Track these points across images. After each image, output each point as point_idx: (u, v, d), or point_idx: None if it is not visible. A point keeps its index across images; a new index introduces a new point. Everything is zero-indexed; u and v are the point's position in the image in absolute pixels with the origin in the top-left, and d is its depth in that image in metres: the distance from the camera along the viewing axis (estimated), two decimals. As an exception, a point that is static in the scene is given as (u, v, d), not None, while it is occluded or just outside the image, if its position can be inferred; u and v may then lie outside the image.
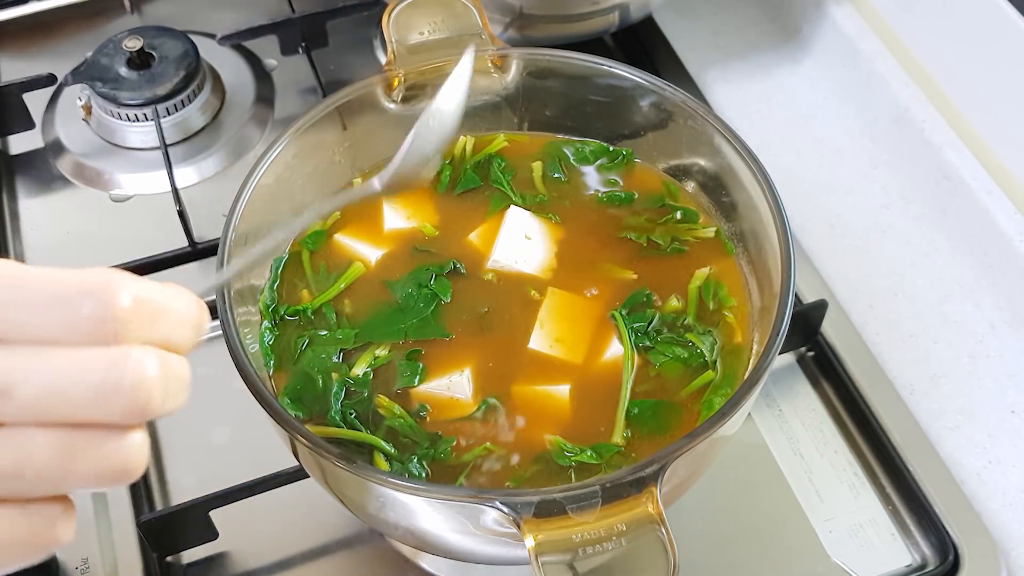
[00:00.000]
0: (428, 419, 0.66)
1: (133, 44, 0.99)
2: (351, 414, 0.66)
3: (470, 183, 0.78)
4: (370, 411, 0.66)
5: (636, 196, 0.77)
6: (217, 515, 0.74)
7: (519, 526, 0.52)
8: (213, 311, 0.57)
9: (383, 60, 0.99)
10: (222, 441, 0.81)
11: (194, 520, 0.73)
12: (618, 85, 0.74)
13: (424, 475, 0.63)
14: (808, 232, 0.95)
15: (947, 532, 0.75)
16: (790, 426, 0.82)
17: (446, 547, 0.65)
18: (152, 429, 0.82)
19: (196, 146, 1.01)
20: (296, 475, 0.73)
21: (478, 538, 0.59)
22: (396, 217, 0.76)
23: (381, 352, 0.68)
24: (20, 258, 0.94)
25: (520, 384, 0.67)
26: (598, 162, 0.79)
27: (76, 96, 1.04)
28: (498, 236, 0.74)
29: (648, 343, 0.68)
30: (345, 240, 0.75)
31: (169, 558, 0.76)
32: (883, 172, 0.99)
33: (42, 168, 1.01)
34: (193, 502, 0.73)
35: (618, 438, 0.64)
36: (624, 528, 0.52)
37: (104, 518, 0.76)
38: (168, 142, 0.98)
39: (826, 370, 0.84)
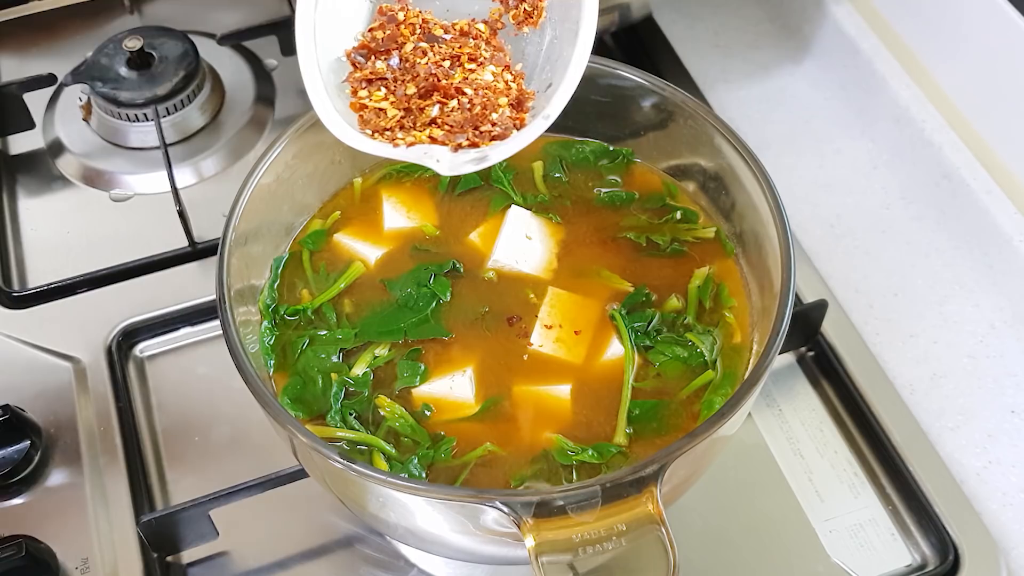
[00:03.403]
0: (431, 419, 0.66)
1: (133, 44, 0.99)
2: (351, 414, 0.66)
3: (471, 183, 0.78)
4: (370, 411, 0.66)
5: (636, 196, 0.77)
6: (217, 515, 0.74)
7: (519, 526, 0.52)
8: (213, 311, 0.57)
9: (383, 60, 0.99)
10: (222, 441, 0.81)
11: (194, 520, 0.73)
12: (618, 85, 0.74)
13: (424, 475, 0.63)
14: (808, 232, 0.95)
15: (947, 532, 0.75)
16: (790, 426, 0.82)
17: (446, 547, 0.65)
18: (152, 429, 0.82)
19: (196, 146, 1.01)
20: (296, 475, 0.73)
21: (478, 538, 0.60)
22: (396, 216, 0.76)
23: (381, 352, 0.68)
24: (20, 258, 0.94)
25: (521, 384, 0.67)
26: (598, 162, 0.78)
27: (76, 96, 1.04)
28: (499, 236, 0.74)
29: (648, 343, 0.68)
30: (345, 240, 0.75)
31: (169, 558, 0.76)
32: (883, 172, 0.99)
33: (42, 168, 1.01)
34: (193, 502, 0.73)
35: (620, 438, 0.64)
36: (624, 528, 0.52)
37: (104, 518, 0.76)
38: (168, 142, 0.98)
39: (826, 370, 0.84)
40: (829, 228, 0.95)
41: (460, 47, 0.58)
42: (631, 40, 1.10)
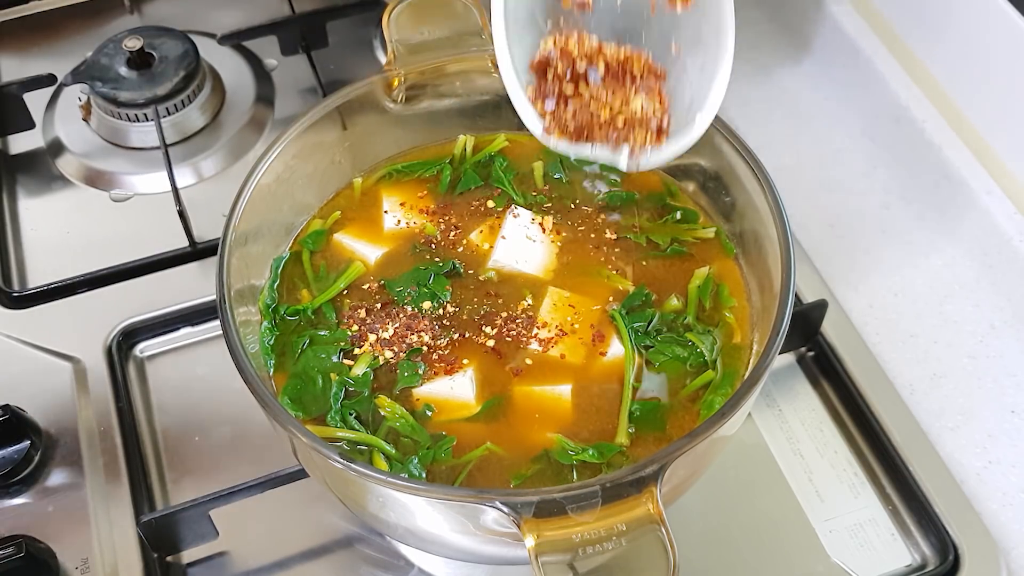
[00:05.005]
0: (432, 419, 0.66)
1: (133, 44, 0.99)
2: (351, 414, 0.66)
3: (471, 183, 0.78)
4: (370, 411, 0.66)
5: (636, 196, 0.77)
6: (217, 515, 0.74)
7: (519, 526, 0.52)
8: (213, 311, 0.57)
9: (383, 60, 0.99)
10: (222, 441, 0.81)
11: (194, 520, 0.73)
12: (618, 85, 0.74)
13: (424, 475, 0.63)
14: (808, 232, 0.95)
15: (947, 532, 0.75)
16: (790, 426, 0.82)
17: (446, 547, 0.65)
18: (152, 429, 0.82)
19: (196, 146, 1.01)
20: (296, 475, 0.73)
21: (478, 538, 0.60)
22: (396, 216, 0.76)
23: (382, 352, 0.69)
24: (20, 258, 0.94)
25: (522, 384, 0.67)
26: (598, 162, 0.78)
27: (76, 96, 1.04)
28: (499, 236, 0.74)
29: (648, 343, 0.68)
30: (345, 240, 0.75)
31: (169, 558, 0.76)
32: (883, 172, 0.99)
33: (42, 168, 1.01)
34: (193, 502, 0.73)
35: (622, 438, 0.64)
36: (624, 528, 0.52)
37: (104, 518, 0.76)
38: (168, 142, 0.98)
39: (826, 370, 0.84)
40: (829, 228, 0.95)
41: (613, 92, 0.64)
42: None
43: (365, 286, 0.72)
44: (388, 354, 0.68)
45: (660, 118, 0.64)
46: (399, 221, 0.76)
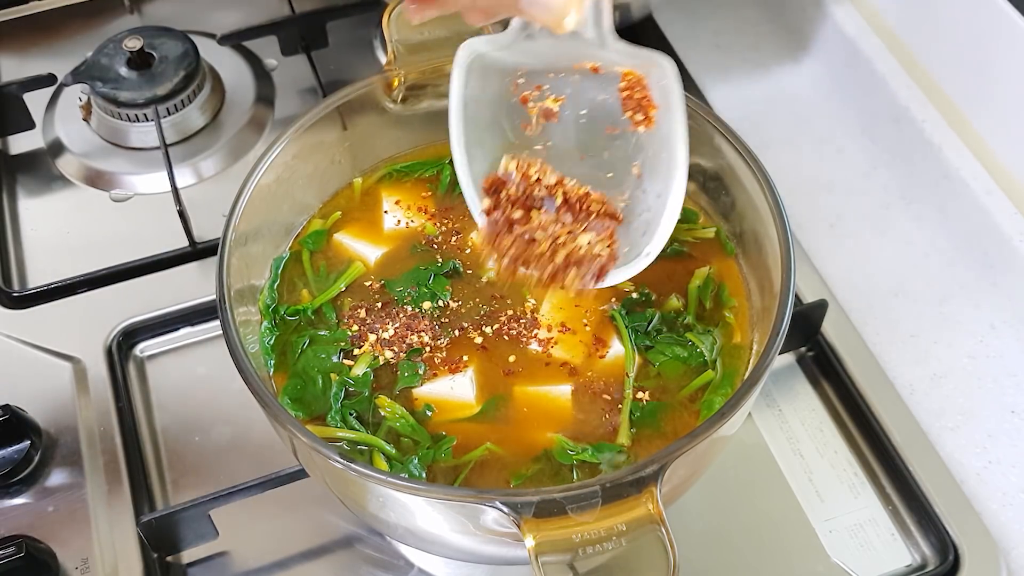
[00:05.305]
0: (432, 419, 0.66)
1: (133, 44, 0.99)
2: (351, 414, 0.66)
3: (470, 183, 0.78)
4: (370, 411, 0.66)
5: (636, 196, 0.77)
6: (217, 515, 0.74)
7: (519, 526, 0.52)
8: (213, 311, 0.57)
9: (383, 60, 0.99)
10: (222, 441, 0.81)
11: (194, 520, 0.73)
12: (618, 85, 0.74)
13: (424, 475, 0.63)
14: (808, 232, 0.95)
15: (947, 532, 0.75)
16: (790, 426, 0.82)
17: (446, 547, 0.65)
18: (152, 429, 0.82)
19: (196, 146, 1.01)
20: (296, 475, 0.73)
21: (478, 538, 0.60)
22: (396, 216, 0.76)
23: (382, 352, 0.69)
24: (20, 258, 0.94)
25: (522, 385, 0.67)
26: (598, 162, 0.78)
27: (76, 96, 1.04)
28: (498, 236, 0.74)
29: (648, 343, 0.68)
30: (345, 240, 0.75)
31: (169, 558, 0.76)
32: (883, 172, 0.99)
33: (42, 168, 1.01)
34: (193, 502, 0.73)
35: (623, 438, 0.64)
36: (624, 528, 0.52)
37: (104, 518, 0.76)
38: (168, 142, 0.98)
39: (826, 370, 0.84)
40: (829, 228, 0.95)
41: (561, 228, 0.63)
42: (631, 40, 1.09)
43: (367, 283, 0.72)
44: (388, 354, 0.68)
45: (605, 262, 0.62)
46: (399, 221, 0.76)
